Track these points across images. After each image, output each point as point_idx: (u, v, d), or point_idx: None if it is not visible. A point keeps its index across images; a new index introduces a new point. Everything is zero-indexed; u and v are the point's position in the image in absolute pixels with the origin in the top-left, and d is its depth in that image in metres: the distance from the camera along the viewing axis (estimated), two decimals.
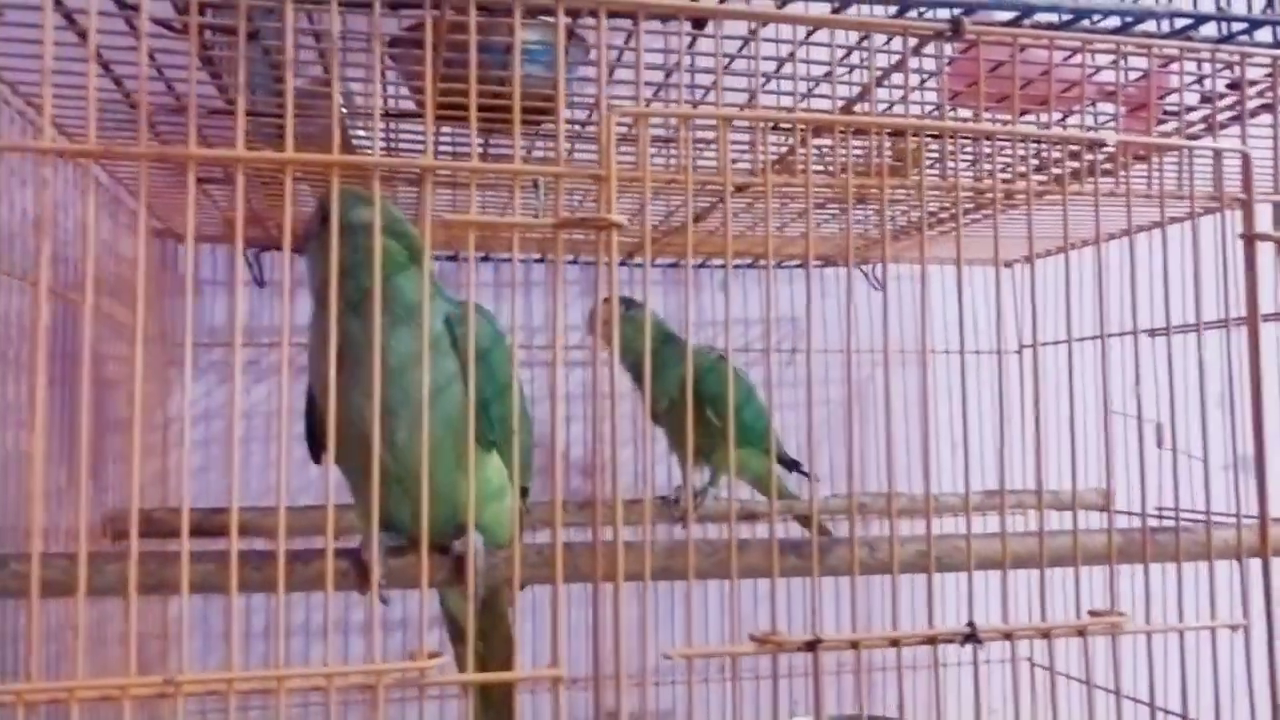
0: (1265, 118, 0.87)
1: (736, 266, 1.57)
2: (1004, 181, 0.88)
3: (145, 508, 1.25)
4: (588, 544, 0.84)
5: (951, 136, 0.85)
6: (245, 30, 0.61)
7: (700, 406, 1.18)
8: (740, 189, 0.96)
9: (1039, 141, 0.90)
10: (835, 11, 0.71)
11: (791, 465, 1.32)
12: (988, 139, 0.87)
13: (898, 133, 0.83)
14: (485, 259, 1.49)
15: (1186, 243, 0.82)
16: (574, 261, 1.48)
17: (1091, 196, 0.79)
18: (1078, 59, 0.78)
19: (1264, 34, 0.80)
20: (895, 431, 0.74)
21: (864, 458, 1.29)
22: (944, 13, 0.74)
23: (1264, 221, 0.81)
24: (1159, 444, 0.86)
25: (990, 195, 0.82)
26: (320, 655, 1.39)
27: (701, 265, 1.57)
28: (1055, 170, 0.92)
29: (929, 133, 0.85)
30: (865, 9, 0.74)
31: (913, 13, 0.74)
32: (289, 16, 0.62)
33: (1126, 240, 0.80)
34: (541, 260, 1.50)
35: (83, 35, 0.69)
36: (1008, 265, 1.62)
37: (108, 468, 1.19)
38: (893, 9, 0.74)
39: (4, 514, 0.94)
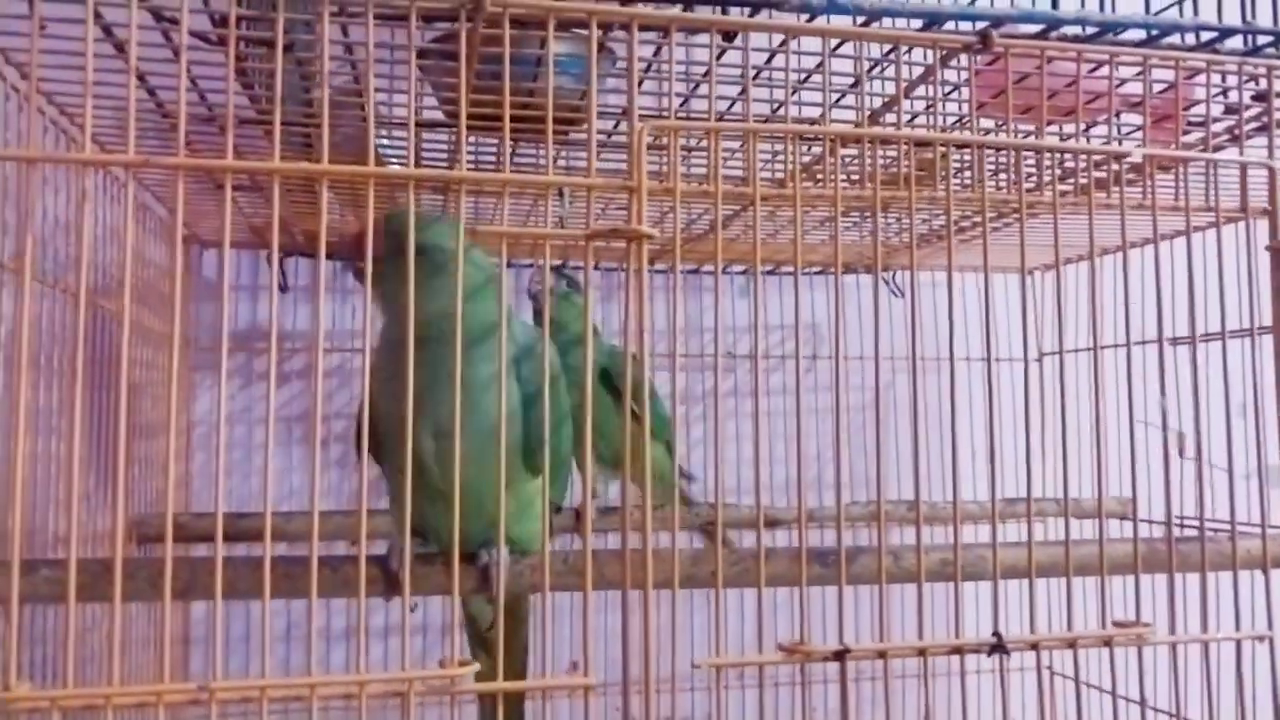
0: None
1: (751, 273, 1.58)
2: (1029, 191, 0.88)
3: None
4: (613, 551, 0.84)
5: (979, 148, 0.85)
6: (286, 42, 0.61)
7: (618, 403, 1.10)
8: (768, 199, 0.96)
9: (1064, 153, 0.91)
10: (864, 25, 0.71)
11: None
12: (1015, 151, 0.87)
13: (923, 142, 0.84)
14: (509, 265, 1.50)
15: (1210, 250, 0.82)
16: (595, 267, 1.49)
17: (1115, 207, 0.79)
18: (1103, 71, 0.78)
19: None
20: (908, 441, 0.74)
21: (883, 465, 1.29)
22: (969, 24, 0.74)
23: None
24: (1180, 453, 0.86)
25: (1015, 204, 0.82)
26: (339, 660, 1.40)
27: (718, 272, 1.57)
28: (1082, 178, 0.93)
29: (955, 144, 0.86)
30: (887, 22, 0.75)
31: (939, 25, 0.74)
32: (324, 30, 0.62)
33: (1150, 248, 0.81)
34: (562, 266, 1.50)
35: (119, 48, 0.70)
36: (1029, 273, 1.62)
37: (130, 472, 1.20)
38: (918, 22, 0.74)
39: (30, 518, 0.95)
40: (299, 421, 1.47)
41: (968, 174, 1.03)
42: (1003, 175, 1.04)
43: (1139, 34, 0.77)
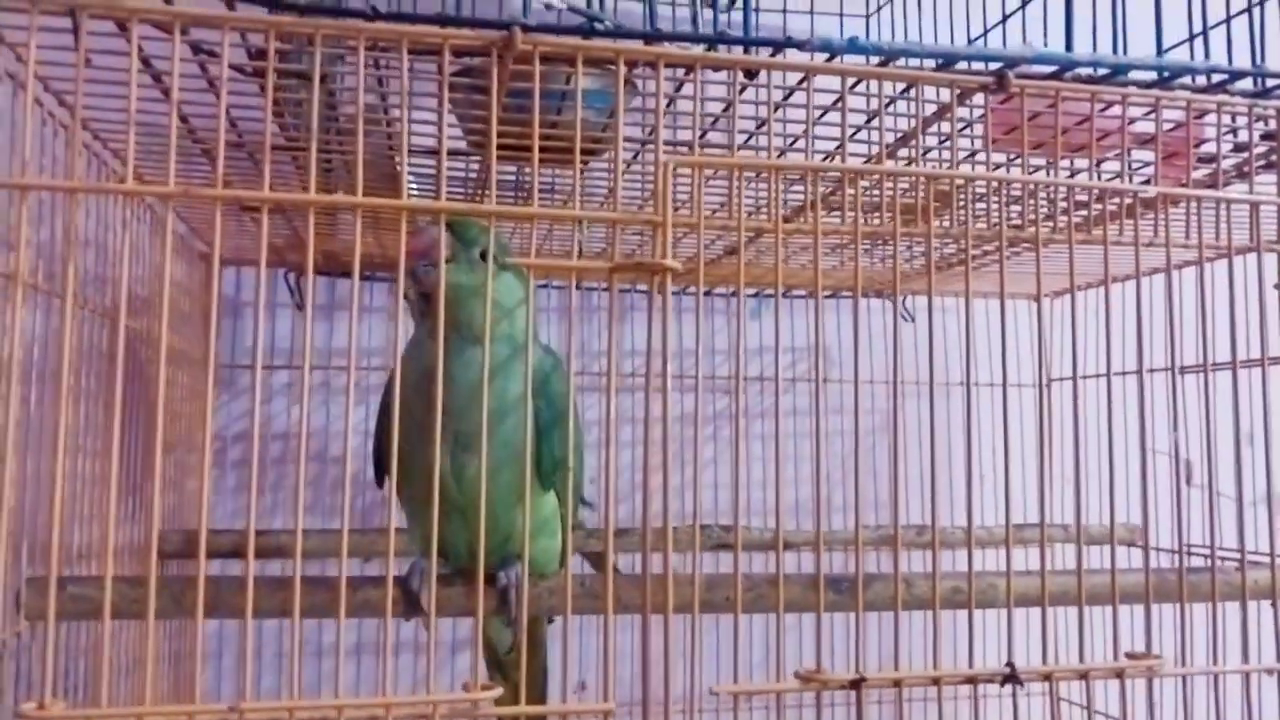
0: None
1: (766, 296, 1.60)
2: (1042, 220, 0.90)
3: (188, 529, 1.28)
4: (631, 575, 0.86)
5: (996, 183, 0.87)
6: (319, 74, 0.63)
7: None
8: (788, 232, 0.98)
9: (1076, 188, 0.92)
10: (883, 64, 0.73)
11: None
12: (1032, 185, 0.88)
13: (937, 177, 0.85)
14: None
15: (1220, 280, 0.83)
16: (605, 289, 1.50)
17: (1128, 242, 0.80)
18: (1115, 110, 0.80)
19: None
20: (916, 465, 0.75)
21: (887, 491, 1.30)
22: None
23: None
24: (1188, 481, 0.87)
25: (1029, 238, 0.83)
26: (351, 675, 1.41)
27: (730, 295, 1.59)
28: (1095, 208, 0.94)
29: (969, 179, 0.87)
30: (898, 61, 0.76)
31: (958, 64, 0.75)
32: (360, 63, 0.64)
33: (1156, 277, 0.82)
34: (577, 288, 1.52)
35: (157, 78, 0.72)
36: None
37: (150, 488, 1.22)
38: (932, 62, 0.76)
39: (64, 534, 0.96)
40: (313, 437, 1.48)
41: (980, 205, 1.04)
42: (1015, 207, 1.05)
43: (1151, 74, 0.78)
